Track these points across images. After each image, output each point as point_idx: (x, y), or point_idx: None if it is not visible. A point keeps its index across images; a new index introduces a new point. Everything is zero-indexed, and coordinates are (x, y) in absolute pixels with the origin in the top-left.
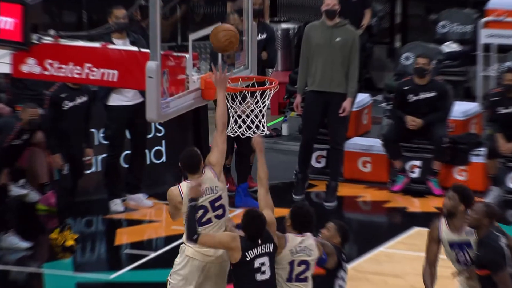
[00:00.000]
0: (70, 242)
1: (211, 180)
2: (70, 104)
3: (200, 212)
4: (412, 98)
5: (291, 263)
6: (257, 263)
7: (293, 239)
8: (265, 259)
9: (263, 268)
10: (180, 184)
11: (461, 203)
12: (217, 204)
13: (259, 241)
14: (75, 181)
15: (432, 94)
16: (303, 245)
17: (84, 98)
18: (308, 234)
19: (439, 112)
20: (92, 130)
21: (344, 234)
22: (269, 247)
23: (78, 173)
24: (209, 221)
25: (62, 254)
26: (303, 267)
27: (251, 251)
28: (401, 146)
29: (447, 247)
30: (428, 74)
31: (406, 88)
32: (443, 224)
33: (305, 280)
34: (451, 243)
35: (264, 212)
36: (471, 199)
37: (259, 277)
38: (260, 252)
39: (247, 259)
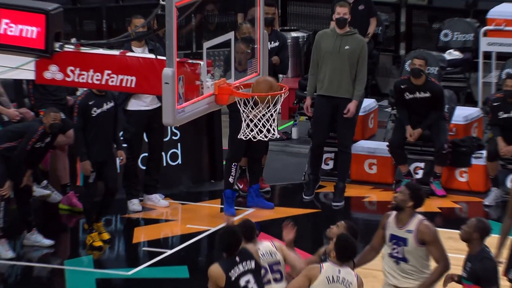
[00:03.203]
0: (98, 243)
1: (269, 248)
2: (98, 111)
3: (262, 272)
4: (408, 96)
5: None
6: (242, 282)
7: (331, 268)
8: (249, 277)
9: (250, 286)
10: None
11: (411, 200)
12: (275, 268)
13: (238, 259)
14: (108, 184)
15: (427, 95)
16: (341, 276)
17: (111, 104)
18: (349, 268)
19: (433, 114)
20: None
21: (353, 234)
22: (251, 264)
23: (111, 175)
24: (268, 282)
25: (90, 252)
26: None
27: (233, 270)
28: (406, 149)
29: (387, 238)
30: (424, 74)
31: (403, 86)
32: (392, 216)
33: None
34: (391, 236)
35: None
36: (421, 199)
37: None
38: (242, 270)
39: (232, 279)
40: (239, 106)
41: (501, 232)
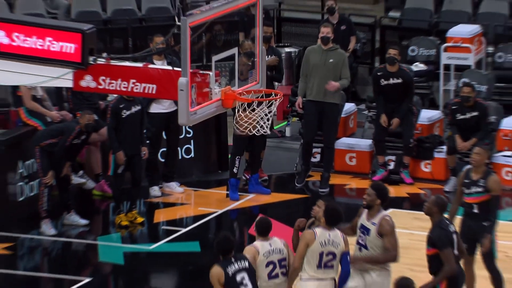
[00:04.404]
0: (125, 223)
1: (279, 245)
2: (128, 113)
3: (270, 266)
4: (383, 82)
5: (321, 254)
6: (238, 277)
7: (323, 233)
8: (244, 274)
9: (245, 282)
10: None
11: (378, 198)
12: (283, 263)
13: (233, 259)
14: (135, 174)
15: (399, 81)
16: (331, 238)
17: (138, 107)
18: (337, 230)
19: (405, 104)
20: None
21: None
22: (245, 263)
23: (138, 167)
24: (276, 275)
25: (119, 230)
26: (330, 257)
27: (229, 267)
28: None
29: (358, 226)
30: (397, 62)
31: (379, 73)
32: (366, 211)
33: (332, 267)
34: (361, 225)
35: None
36: (386, 196)
37: None
38: (238, 267)
39: (230, 274)
40: (237, 110)
41: (449, 214)
